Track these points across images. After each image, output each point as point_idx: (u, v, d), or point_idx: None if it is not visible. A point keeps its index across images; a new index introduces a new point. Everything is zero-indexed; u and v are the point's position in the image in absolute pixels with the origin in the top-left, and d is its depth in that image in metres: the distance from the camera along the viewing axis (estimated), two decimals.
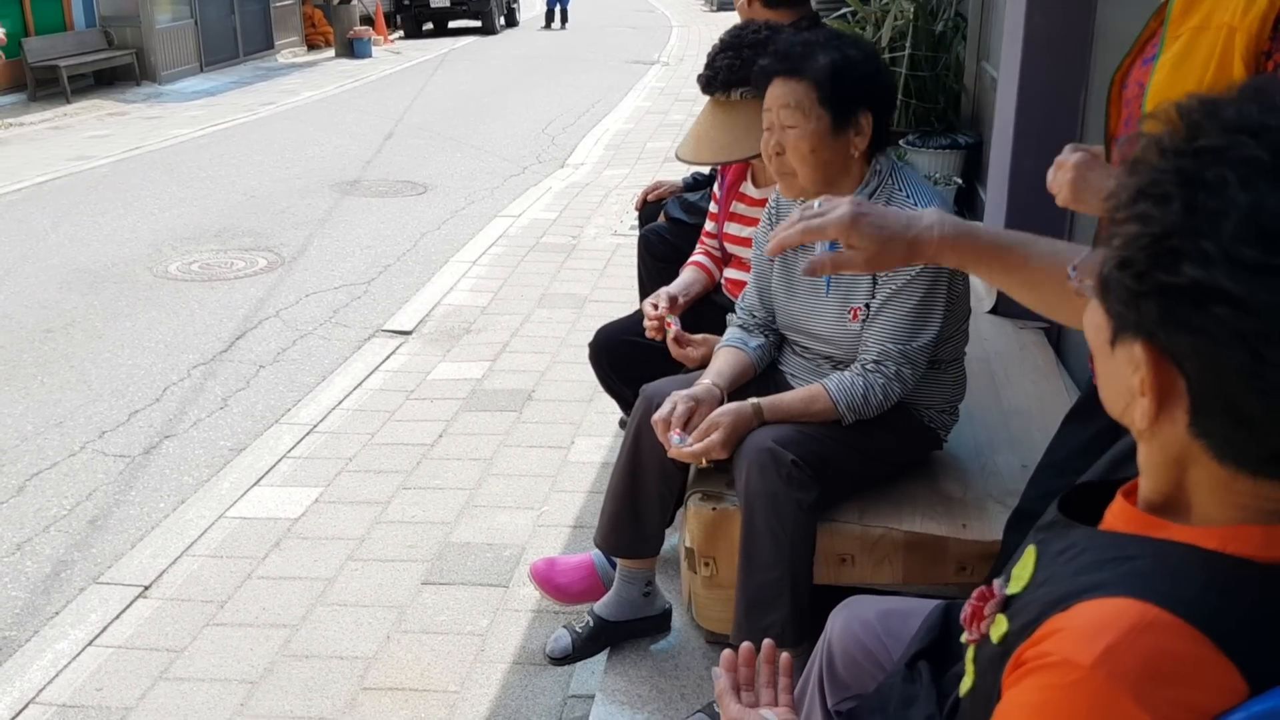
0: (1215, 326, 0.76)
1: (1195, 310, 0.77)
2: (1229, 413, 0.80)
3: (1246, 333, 0.75)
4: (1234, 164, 0.76)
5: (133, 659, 2.77)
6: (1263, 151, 0.75)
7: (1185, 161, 0.78)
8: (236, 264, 6.32)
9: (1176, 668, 0.80)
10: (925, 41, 6.39)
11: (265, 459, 3.84)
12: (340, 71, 15.61)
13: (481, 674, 2.65)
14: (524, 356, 4.75)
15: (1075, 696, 0.82)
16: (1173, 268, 0.77)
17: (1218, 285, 0.75)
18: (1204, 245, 0.75)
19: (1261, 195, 0.74)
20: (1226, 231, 0.75)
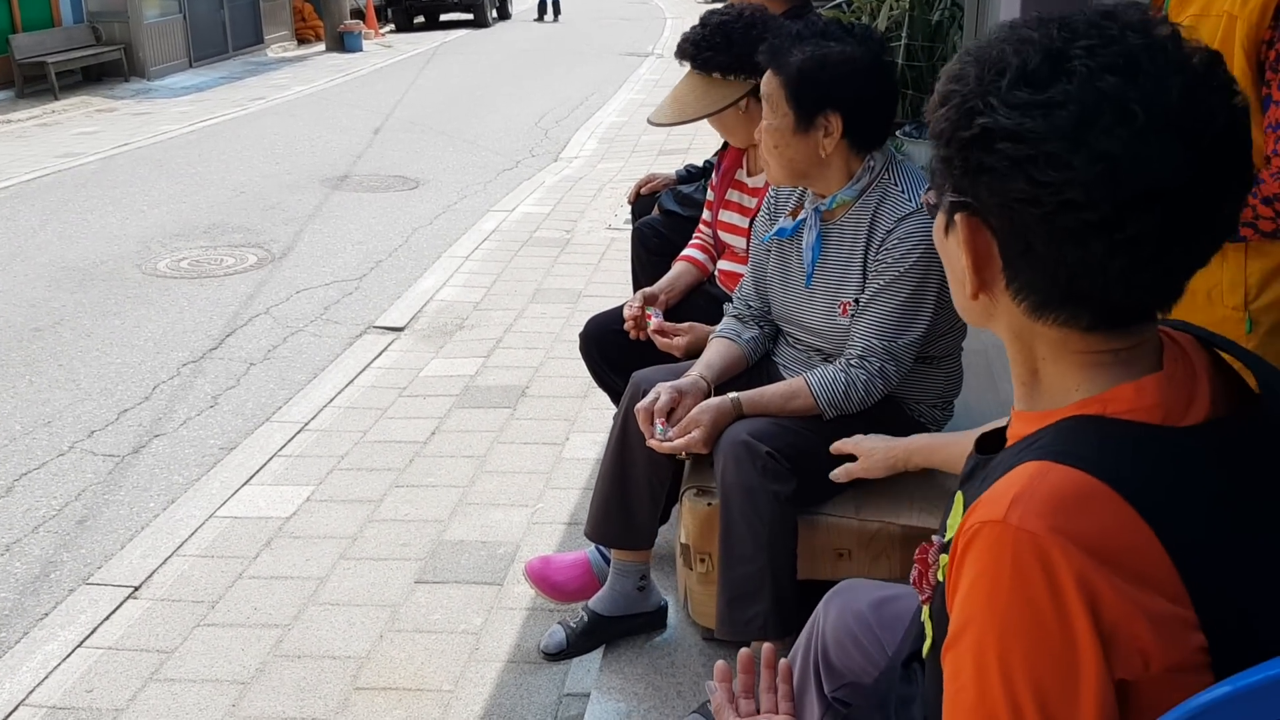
0: (999, 161, 0.91)
1: (985, 153, 0.92)
2: (1027, 255, 0.93)
3: (1021, 159, 0.89)
4: (1011, 42, 0.93)
5: (123, 660, 2.74)
6: (1034, 32, 0.93)
7: (976, 50, 0.96)
8: (226, 260, 6.28)
9: (1078, 500, 0.89)
10: (922, 31, 6.36)
11: (256, 457, 3.80)
12: (331, 66, 15.55)
13: (476, 673, 2.63)
14: (517, 352, 4.72)
15: (998, 549, 0.90)
16: (968, 123, 0.93)
17: (998, 125, 0.90)
18: (989, 99, 0.92)
19: (1027, 58, 0.91)
20: (1004, 85, 0.91)
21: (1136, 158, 0.87)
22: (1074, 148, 0.87)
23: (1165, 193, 0.88)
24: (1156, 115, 0.87)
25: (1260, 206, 1.63)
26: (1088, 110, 0.87)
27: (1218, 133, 0.89)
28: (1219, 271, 1.70)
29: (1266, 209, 1.62)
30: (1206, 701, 0.88)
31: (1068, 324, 0.96)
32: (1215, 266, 1.70)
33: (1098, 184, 0.87)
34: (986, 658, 0.91)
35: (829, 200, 2.21)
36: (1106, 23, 0.92)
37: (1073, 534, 0.88)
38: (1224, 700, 0.88)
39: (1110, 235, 0.89)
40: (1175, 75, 0.89)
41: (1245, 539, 0.92)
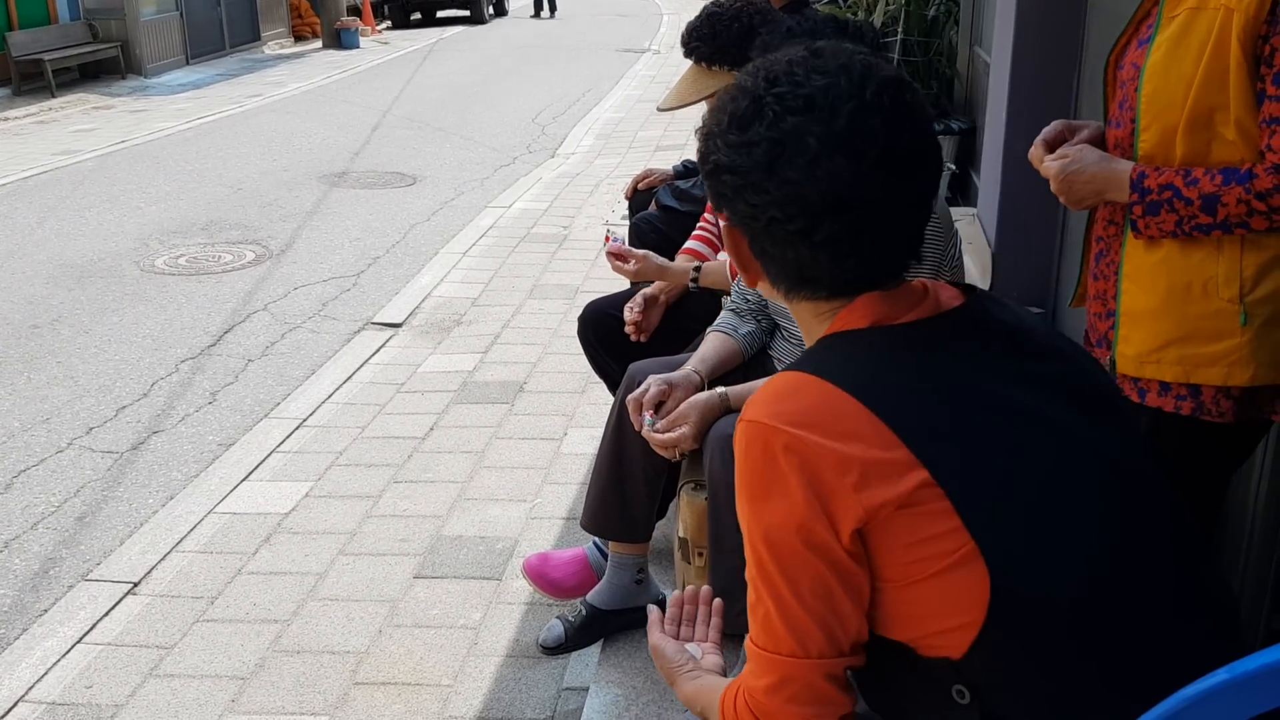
0: (726, 189, 1.16)
1: (717, 183, 1.17)
2: (765, 255, 1.18)
3: (738, 187, 1.14)
4: (736, 88, 1.17)
5: (122, 656, 2.74)
6: (746, 79, 1.17)
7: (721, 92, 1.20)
8: (224, 257, 6.28)
9: (790, 391, 1.12)
10: (918, 26, 6.36)
11: (254, 454, 3.80)
12: (328, 62, 15.53)
13: (475, 667, 2.63)
14: (515, 348, 4.72)
15: (742, 443, 1.13)
16: (706, 160, 1.18)
17: (720, 162, 1.15)
18: (716, 141, 1.16)
19: (738, 105, 1.15)
20: (723, 128, 1.16)
21: (814, 178, 1.09)
22: (769, 176, 1.11)
23: (842, 201, 1.09)
24: (827, 142, 1.09)
25: (1255, 202, 1.63)
26: (775, 146, 1.11)
27: (882, 149, 1.09)
28: (1215, 264, 1.70)
29: (1261, 204, 1.62)
30: (1206, 688, 0.89)
31: (813, 298, 1.20)
32: (1211, 258, 1.70)
33: (789, 203, 1.11)
34: (745, 523, 1.14)
35: None
36: (796, 70, 1.13)
37: (782, 414, 1.10)
38: (1222, 687, 0.89)
39: (809, 239, 1.12)
40: (845, 104, 1.10)
41: (959, 391, 1.12)
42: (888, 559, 1.08)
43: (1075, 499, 1.10)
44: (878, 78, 1.12)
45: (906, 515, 1.05)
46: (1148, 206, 1.72)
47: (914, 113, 1.13)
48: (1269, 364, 1.69)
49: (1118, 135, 1.83)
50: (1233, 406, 1.73)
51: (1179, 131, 1.69)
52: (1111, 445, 1.16)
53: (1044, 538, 1.07)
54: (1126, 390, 1.83)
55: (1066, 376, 1.18)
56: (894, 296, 1.17)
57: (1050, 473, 1.10)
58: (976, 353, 1.16)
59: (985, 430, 1.09)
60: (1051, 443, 1.12)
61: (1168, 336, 1.75)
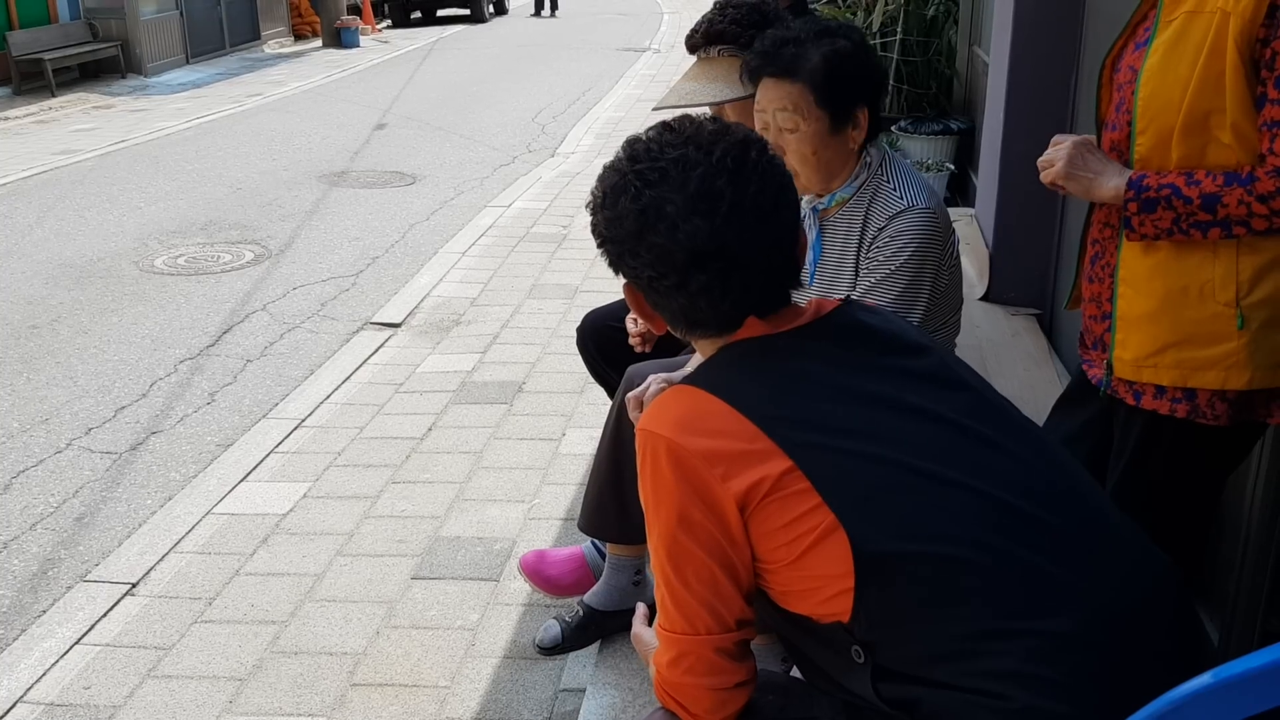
0: (612, 256, 1.35)
1: (605, 251, 1.36)
2: (658, 306, 1.36)
3: (619, 254, 1.33)
4: (607, 168, 1.35)
5: (120, 657, 2.74)
6: (615, 159, 1.35)
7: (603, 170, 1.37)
8: (223, 257, 6.28)
9: (672, 399, 1.29)
10: (917, 26, 6.36)
11: (253, 454, 3.81)
12: (328, 61, 15.53)
13: (472, 669, 2.63)
14: (514, 348, 4.73)
15: (637, 449, 1.29)
16: (594, 230, 1.36)
17: (601, 234, 1.35)
18: (596, 216, 1.35)
19: (606, 182, 1.33)
20: (600, 202, 1.34)
21: (676, 240, 1.26)
22: (639, 243, 1.29)
23: (705, 255, 1.26)
24: (683, 207, 1.26)
25: (1255, 204, 1.63)
26: (640, 216, 1.28)
27: (730, 205, 1.26)
28: (1211, 267, 1.70)
29: (1261, 207, 1.62)
30: (1188, 693, 0.90)
31: (706, 336, 1.37)
32: (1207, 262, 1.70)
33: (660, 263, 1.28)
34: (646, 520, 1.30)
35: (828, 199, 2.22)
36: (653, 146, 1.31)
37: (662, 421, 1.26)
38: (1204, 692, 0.89)
39: (685, 290, 1.29)
40: (694, 171, 1.27)
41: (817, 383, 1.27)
42: (769, 544, 1.22)
43: (928, 464, 1.22)
44: (723, 143, 1.29)
45: (776, 501, 1.20)
46: (1144, 204, 1.72)
47: (759, 168, 1.29)
48: (1266, 367, 1.69)
49: (1114, 138, 1.83)
50: (1228, 410, 1.73)
51: (1175, 135, 1.69)
52: (969, 412, 1.30)
53: (898, 500, 1.20)
54: (1122, 393, 1.84)
55: (928, 367, 1.34)
56: (776, 318, 1.33)
57: (903, 443, 1.23)
58: (837, 350, 1.31)
59: (841, 415, 1.24)
60: (905, 419, 1.26)
61: (1165, 340, 1.75)
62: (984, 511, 1.20)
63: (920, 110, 6.30)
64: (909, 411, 1.27)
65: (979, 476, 1.23)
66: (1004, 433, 1.30)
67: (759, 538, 1.22)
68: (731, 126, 1.32)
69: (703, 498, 1.22)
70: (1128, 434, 1.86)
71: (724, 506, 1.22)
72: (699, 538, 1.24)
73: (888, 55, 6.30)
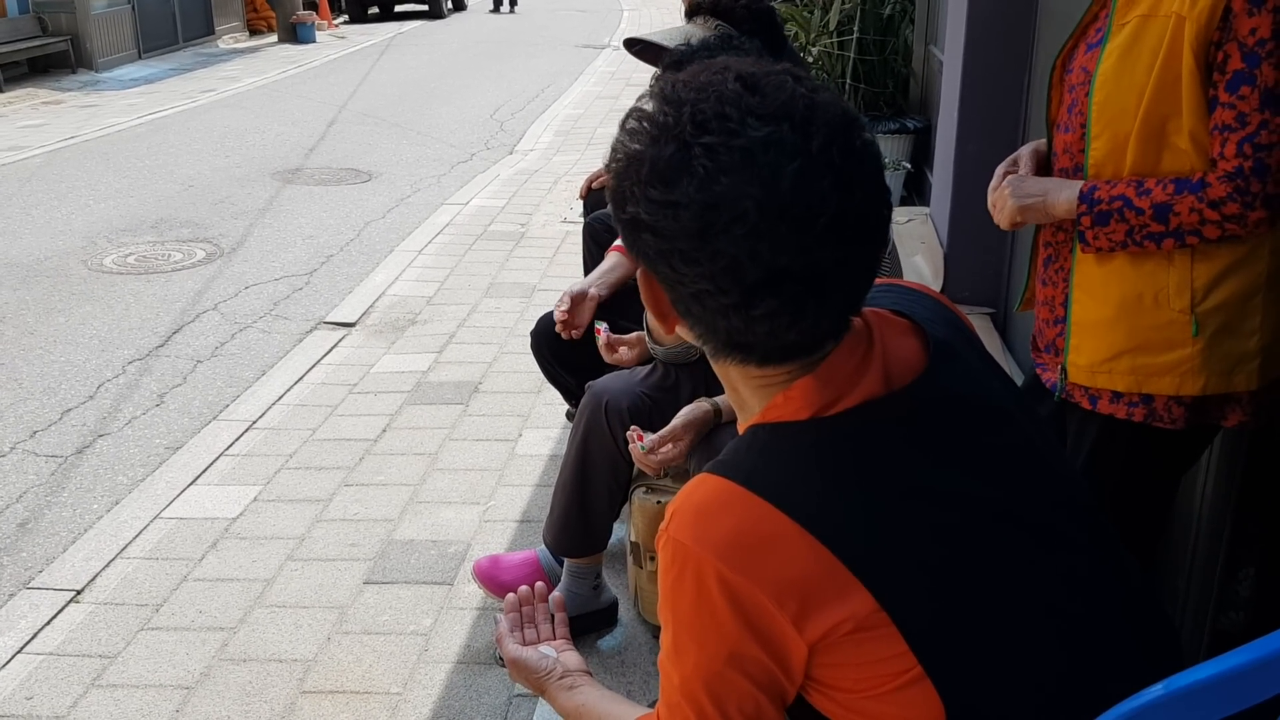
0: (647, 249, 1.00)
1: (635, 238, 1.01)
2: (689, 315, 1.03)
3: (663, 250, 0.98)
4: (653, 124, 0.99)
5: (64, 666, 2.68)
6: (667, 114, 0.98)
7: (627, 126, 1.02)
8: (174, 256, 6.18)
9: (719, 507, 1.01)
10: (873, 25, 6.38)
11: (202, 457, 3.74)
12: (283, 57, 15.35)
13: (425, 674, 2.60)
14: (471, 348, 4.68)
15: (664, 554, 1.04)
16: (622, 208, 1.01)
17: (640, 218, 0.98)
18: (634, 189, 0.98)
19: (660, 151, 0.96)
20: (643, 177, 0.97)
21: (753, 252, 0.94)
22: (700, 246, 0.96)
23: (785, 275, 0.96)
24: (769, 210, 0.94)
25: (1207, 211, 1.63)
26: (707, 211, 0.94)
27: (832, 217, 0.95)
28: (1166, 274, 1.70)
29: (1213, 213, 1.63)
30: (1141, 704, 0.89)
31: (743, 363, 1.07)
32: (1162, 269, 1.70)
33: (723, 276, 0.96)
34: (672, 638, 1.07)
35: None
36: (729, 111, 0.96)
37: (711, 540, 1.00)
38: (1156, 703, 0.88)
39: (746, 313, 0.98)
40: (790, 163, 0.94)
41: (901, 496, 1.02)
42: (838, 674, 1.02)
43: (1028, 611, 1.04)
44: (824, 122, 0.97)
45: (854, 640, 0.99)
46: (1096, 217, 1.72)
47: (866, 164, 0.99)
48: (1220, 373, 1.70)
49: (1066, 140, 1.83)
50: (1184, 413, 1.74)
51: (1131, 140, 1.69)
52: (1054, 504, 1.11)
53: (995, 657, 1.02)
54: (1077, 397, 1.84)
55: (1013, 442, 1.11)
56: (833, 373, 1.05)
57: (995, 568, 1.04)
58: (922, 437, 1.06)
59: (927, 534, 1.02)
60: (995, 529, 1.05)
61: (1120, 347, 1.75)
62: (1069, 644, 1.05)
63: (877, 109, 6.32)
64: (998, 518, 1.06)
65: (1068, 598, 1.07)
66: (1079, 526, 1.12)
67: (825, 666, 1.02)
68: (827, 96, 1.00)
69: (764, 639, 1.00)
70: (1082, 437, 1.87)
71: (791, 649, 1.00)
72: (752, 673, 1.02)
73: (844, 54, 6.31)
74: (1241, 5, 1.56)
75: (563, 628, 1.50)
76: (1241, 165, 1.61)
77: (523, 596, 1.52)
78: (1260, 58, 1.57)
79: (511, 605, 1.52)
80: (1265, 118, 1.59)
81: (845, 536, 0.98)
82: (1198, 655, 2.00)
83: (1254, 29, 1.57)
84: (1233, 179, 1.61)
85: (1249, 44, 1.57)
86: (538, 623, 1.51)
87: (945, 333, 1.13)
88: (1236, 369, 1.70)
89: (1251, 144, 1.60)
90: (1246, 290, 1.67)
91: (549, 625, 1.50)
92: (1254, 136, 1.60)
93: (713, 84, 0.98)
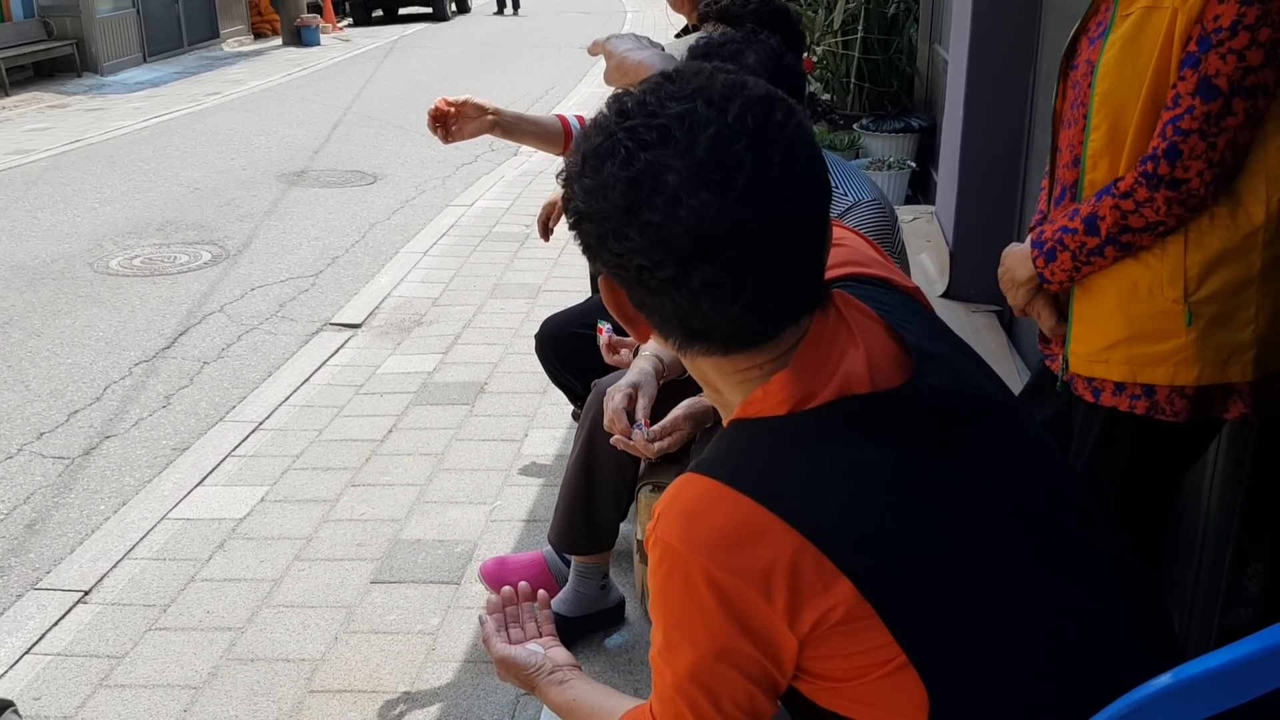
0: (589, 239, 1.03)
1: (580, 232, 1.04)
2: (644, 306, 1.04)
3: (600, 235, 1.01)
4: (590, 125, 1.04)
5: (72, 666, 2.69)
6: (601, 114, 1.04)
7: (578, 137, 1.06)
8: (180, 258, 6.19)
9: (703, 508, 1.02)
10: (878, 25, 6.38)
11: (209, 458, 3.75)
12: (288, 60, 15.37)
13: (432, 674, 2.60)
14: (476, 348, 4.69)
15: (652, 554, 1.06)
16: (568, 205, 1.04)
17: (579, 209, 1.02)
18: (573, 185, 1.03)
19: (590, 143, 1.02)
20: (578, 171, 1.02)
21: (675, 219, 0.96)
22: (628, 221, 0.98)
23: (713, 241, 0.96)
24: (688, 177, 0.96)
25: (1122, 202, 1.67)
26: (631, 186, 0.97)
27: (749, 177, 0.96)
28: (1159, 264, 1.70)
29: (1127, 202, 1.66)
30: (1148, 694, 0.89)
31: (709, 353, 1.06)
32: (1155, 260, 1.71)
33: (654, 249, 0.97)
34: (663, 638, 1.08)
35: None
36: (649, 98, 1.01)
37: (698, 540, 1.01)
38: (1164, 693, 0.88)
39: (684, 285, 0.98)
40: (704, 131, 0.97)
41: (885, 487, 1.02)
42: (827, 665, 1.04)
43: (1020, 600, 1.05)
44: (741, 98, 1.00)
45: (841, 632, 1.01)
46: (1046, 255, 1.81)
47: (785, 132, 1.00)
48: (1214, 363, 1.70)
49: (1069, 135, 1.84)
50: (1186, 406, 1.74)
51: (1131, 130, 1.69)
52: (1049, 496, 1.12)
53: (985, 645, 1.03)
54: (1080, 389, 1.84)
55: (1007, 430, 1.12)
56: (807, 363, 1.05)
57: (986, 558, 1.05)
58: (909, 429, 1.06)
59: (914, 533, 1.02)
60: (988, 519, 1.06)
61: (1116, 336, 1.76)
62: (1067, 633, 1.06)
63: (881, 108, 6.32)
64: (985, 507, 1.06)
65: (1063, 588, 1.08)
66: (1072, 515, 1.13)
67: (814, 659, 1.04)
68: (750, 80, 1.03)
69: (754, 633, 1.02)
70: (1087, 431, 1.87)
71: (781, 643, 1.02)
72: (743, 666, 1.04)
73: (849, 53, 6.31)
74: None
75: (548, 625, 1.50)
76: (1158, 146, 1.63)
77: (506, 596, 1.52)
78: (1211, 45, 1.59)
79: (495, 606, 1.51)
80: (1194, 103, 1.61)
81: (827, 529, 0.99)
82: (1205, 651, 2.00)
83: (1217, 15, 1.59)
84: (1143, 163, 1.65)
85: (1208, 29, 1.59)
86: (523, 622, 1.51)
87: (920, 331, 1.13)
88: (1231, 359, 1.70)
89: (1174, 126, 1.62)
90: (1240, 281, 1.67)
91: (534, 624, 1.50)
92: (1179, 119, 1.62)
93: (642, 83, 1.05)
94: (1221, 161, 1.62)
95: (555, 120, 2.68)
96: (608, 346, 2.56)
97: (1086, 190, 1.77)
